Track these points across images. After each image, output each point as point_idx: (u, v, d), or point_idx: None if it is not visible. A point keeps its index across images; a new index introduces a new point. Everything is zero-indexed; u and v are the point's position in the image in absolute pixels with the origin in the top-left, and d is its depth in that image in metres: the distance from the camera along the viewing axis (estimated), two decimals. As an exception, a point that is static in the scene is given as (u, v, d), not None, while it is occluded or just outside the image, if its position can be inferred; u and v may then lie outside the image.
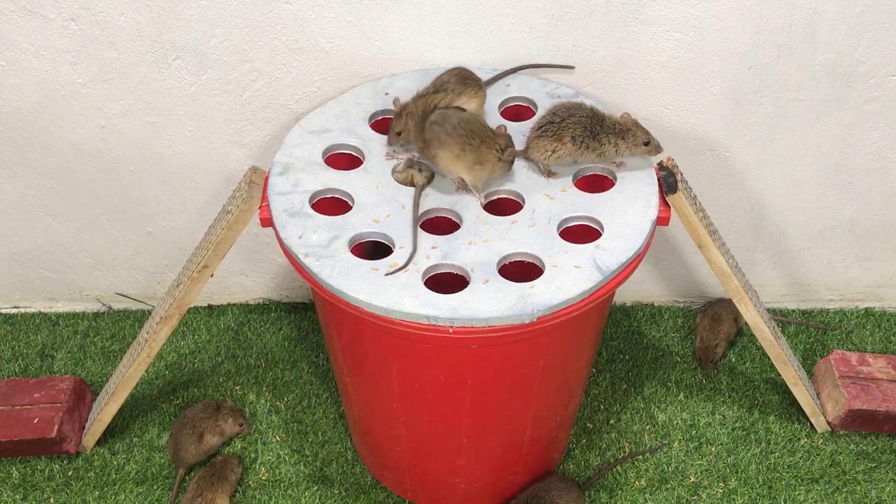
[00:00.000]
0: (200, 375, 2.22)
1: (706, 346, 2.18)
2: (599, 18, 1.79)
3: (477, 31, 1.81)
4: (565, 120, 1.60)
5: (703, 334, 2.19)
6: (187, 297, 1.77)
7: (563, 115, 1.61)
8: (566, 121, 1.60)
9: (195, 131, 1.97)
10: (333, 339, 1.71)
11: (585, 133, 1.60)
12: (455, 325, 1.41)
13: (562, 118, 1.61)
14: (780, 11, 1.77)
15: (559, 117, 1.61)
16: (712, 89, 1.90)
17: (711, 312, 2.22)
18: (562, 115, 1.61)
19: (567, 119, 1.60)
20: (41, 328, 2.34)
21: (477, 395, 1.63)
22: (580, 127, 1.60)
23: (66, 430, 1.99)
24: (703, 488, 1.99)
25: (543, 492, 1.87)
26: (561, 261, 1.48)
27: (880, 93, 1.91)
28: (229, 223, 1.64)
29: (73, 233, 2.20)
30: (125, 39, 1.81)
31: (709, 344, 2.17)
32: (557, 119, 1.61)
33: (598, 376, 2.21)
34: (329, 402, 2.16)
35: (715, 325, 2.19)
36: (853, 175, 2.08)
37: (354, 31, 1.80)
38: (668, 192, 1.60)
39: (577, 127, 1.60)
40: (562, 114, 1.62)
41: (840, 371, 2.08)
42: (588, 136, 1.60)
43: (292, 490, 1.98)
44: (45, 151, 2.02)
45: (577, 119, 1.60)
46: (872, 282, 2.33)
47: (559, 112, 1.62)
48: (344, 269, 1.47)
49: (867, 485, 1.99)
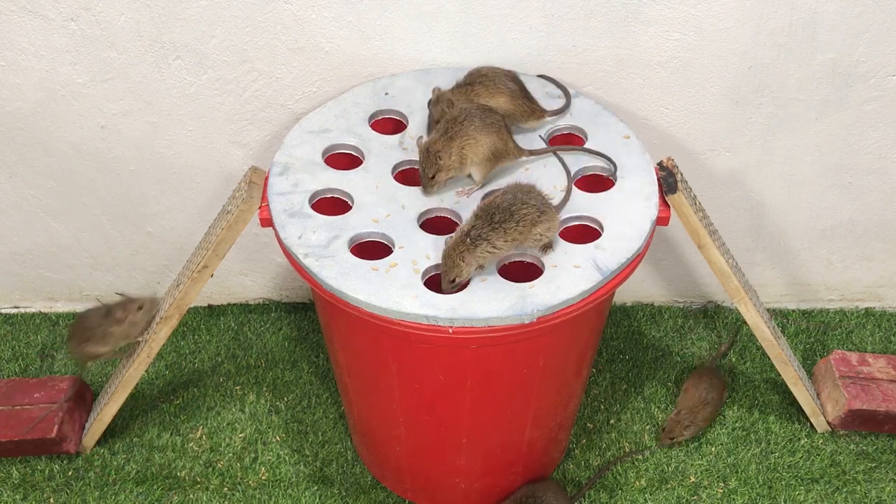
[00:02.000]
0: (200, 375, 2.22)
1: (677, 422, 2.03)
2: (599, 18, 1.79)
3: (477, 31, 1.81)
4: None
5: (683, 409, 2.05)
6: (187, 297, 1.77)
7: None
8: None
9: (195, 131, 1.97)
10: (333, 339, 1.71)
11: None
12: (455, 326, 1.41)
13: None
14: (780, 11, 1.77)
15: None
16: (712, 89, 1.90)
17: (703, 389, 2.07)
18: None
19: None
20: (41, 328, 2.34)
21: (477, 395, 1.63)
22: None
23: (66, 430, 1.99)
24: (703, 488, 1.99)
25: (541, 492, 1.87)
26: (561, 261, 1.48)
27: (880, 93, 1.91)
28: (229, 223, 1.64)
29: (73, 233, 2.20)
30: (125, 39, 1.81)
31: (680, 421, 2.03)
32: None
33: (598, 376, 2.21)
34: (329, 402, 2.16)
35: (698, 406, 2.04)
36: (853, 175, 2.08)
37: (354, 31, 1.81)
38: (668, 192, 1.60)
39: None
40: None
41: (840, 371, 2.08)
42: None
43: (292, 490, 1.98)
44: (45, 151, 2.02)
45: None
46: (872, 282, 2.33)
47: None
48: (343, 269, 1.47)
49: (867, 485, 1.99)
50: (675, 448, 2.05)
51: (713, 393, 2.06)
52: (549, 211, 1.49)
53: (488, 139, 1.55)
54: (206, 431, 2.09)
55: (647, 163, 1.65)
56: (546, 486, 1.90)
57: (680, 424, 2.03)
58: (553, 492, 1.88)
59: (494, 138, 1.55)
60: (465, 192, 1.58)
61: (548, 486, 1.90)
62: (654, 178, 1.63)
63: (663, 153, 1.98)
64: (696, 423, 2.03)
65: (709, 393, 2.06)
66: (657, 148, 1.99)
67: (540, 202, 1.48)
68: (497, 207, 1.46)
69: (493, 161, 1.57)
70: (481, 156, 1.56)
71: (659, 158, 1.68)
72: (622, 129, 1.72)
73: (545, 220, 1.47)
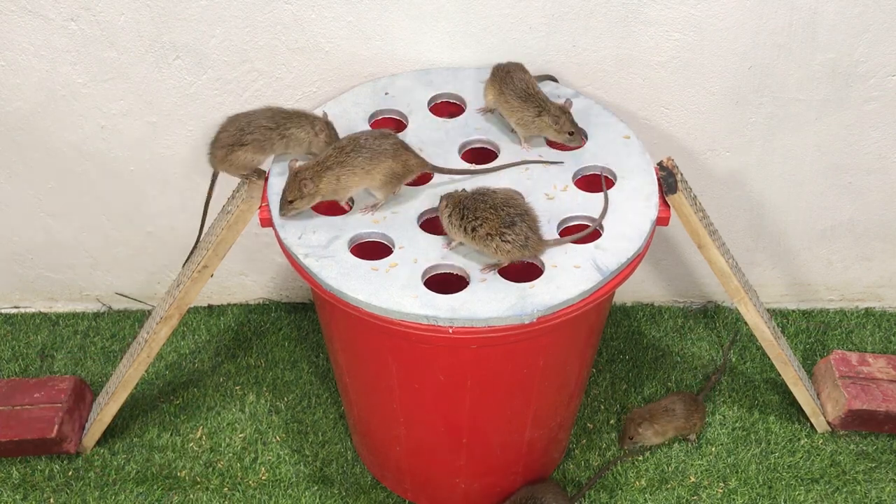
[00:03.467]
0: (200, 375, 2.22)
1: (638, 422, 2.00)
2: (599, 18, 1.79)
3: (477, 31, 1.81)
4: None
5: (648, 413, 2.01)
6: (187, 297, 1.78)
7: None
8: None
9: (195, 131, 1.97)
10: (333, 339, 1.71)
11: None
12: (455, 326, 1.41)
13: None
14: (780, 11, 1.77)
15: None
16: (712, 89, 1.90)
17: (670, 400, 2.03)
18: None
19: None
20: (41, 328, 2.34)
21: (477, 395, 1.63)
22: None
23: (66, 430, 1.99)
24: (703, 488, 1.99)
25: (540, 493, 1.87)
26: (561, 261, 1.48)
27: (880, 93, 1.91)
28: (229, 223, 1.64)
29: (73, 233, 2.20)
30: (125, 39, 1.81)
31: (641, 421, 1.98)
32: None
33: (598, 376, 2.21)
34: (329, 402, 2.16)
35: (659, 411, 2.01)
36: (853, 175, 2.08)
37: (354, 31, 1.81)
38: (668, 192, 1.60)
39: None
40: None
41: (840, 371, 2.08)
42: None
43: (292, 490, 1.99)
44: (45, 151, 2.02)
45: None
46: (872, 282, 2.33)
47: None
48: (343, 270, 1.47)
49: (867, 485, 1.99)
50: (672, 448, 2.05)
51: (679, 405, 2.01)
52: (406, 152, 1.56)
53: (381, 167, 1.54)
54: (206, 431, 2.09)
55: (647, 163, 1.65)
56: (546, 487, 1.90)
57: (633, 422, 2.00)
58: (553, 493, 1.88)
59: (389, 163, 1.54)
60: (369, 209, 1.57)
61: (547, 486, 1.90)
62: (654, 178, 1.62)
63: (663, 153, 1.98)
64: (654, 427, 1.99)
65: (674, 404, 2.02)
66: (657, 148, 1.99)
67: (396, 142, 1.56)
68: (361, 146, 1.54)
69: (395, 183, 1.57)
70: (378, 182, 1.55)
71: (659, 158, 1.68)
72: (622, 129, 1.72)
73: (399, 158, 1.54)
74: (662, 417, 2.00)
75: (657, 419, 2.00)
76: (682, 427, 2.02)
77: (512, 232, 1.45)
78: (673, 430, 2.02)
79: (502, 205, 1.47)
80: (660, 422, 2.00)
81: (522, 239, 1.45)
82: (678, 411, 2.01)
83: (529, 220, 1.47)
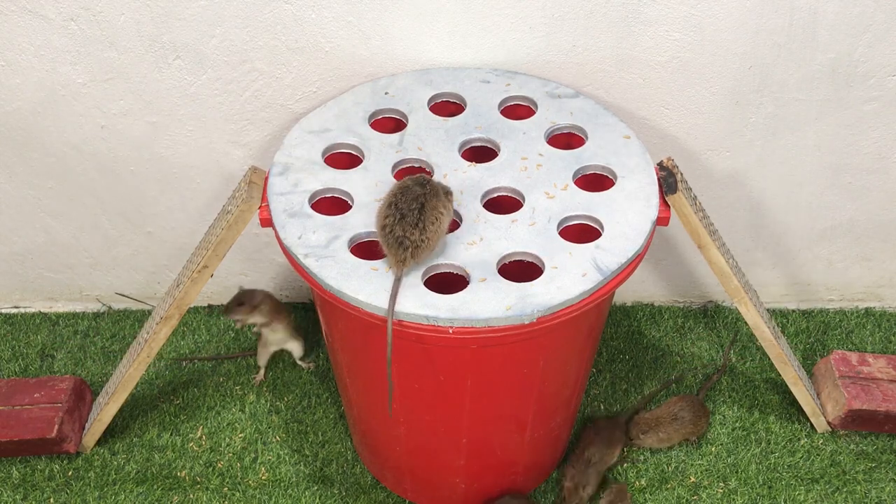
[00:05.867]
0: (200, 375, 2.22)
1: (636, 423, 2.02)
2: (599, 18, 1.79)
3: (477, 31, 1.81)
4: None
5: (654, 421, 2.01)
6: (187, 297, 1.77)
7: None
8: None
9: (195, 131, 1.97)
10: (333, 339, 1.71)
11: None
12: (455, 326, 1.41)
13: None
14: (780, 11, 1.77)
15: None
16: (712, 89, 1.90)
17: (677, 406, 2.02)
18: None
19: None
20: (41, 328, 2.34)
21: (477, 395, 1.63)
22: None
23: (66, 430, 1.99)
24: (703, 488, 1.99)
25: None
26: (561, 261, 1.48)
27: (880, 93, 1.91)
28: (229, 223, 1.64)
29: (72, 233, 2.20)
30: (125, 39, 1.81)
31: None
32: None
33: (598, 376, 2.21)
34: (329, 402, 2.16)
35: (666, 418, 2.00)
36: (853, 175, 2.08)
37: (354, 31, 1.80)
38: (668, 192, 1.60)
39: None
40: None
41: (840, 371, 2.08)
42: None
43: (292, 490, 1.98)
44: (45, 151, 2.02)
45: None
46: (872, 282, 2.33)
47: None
48: (343, 270, 1.47)
49: (867, 485, 1.99)
50: (673, 448, 2.05)
51: (687, 412, 2.01)
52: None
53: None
54: (206, 431, 2.09)
55: (647, 163, 1.65)
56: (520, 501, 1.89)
57: (637, 427, 2.01)
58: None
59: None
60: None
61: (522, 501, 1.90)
62: (654, 178, 1.62)
63: (663, 153, 1.98)
64: (659, 435, 2.00)
65: (683, 411, 2.02)
66: (657, 148, 1.99)
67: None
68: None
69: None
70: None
71: (659, 158, 1.68)
72: (622, 129, 1.72)
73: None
74: (671, 425, 2.01)
75: (664, 427, 2.00)
76: (689, 433, 2.03)
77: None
78: (680, 436, 2.02)
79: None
80: (667, 430, 2.00)
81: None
82: (686, 418, 2.01)
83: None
